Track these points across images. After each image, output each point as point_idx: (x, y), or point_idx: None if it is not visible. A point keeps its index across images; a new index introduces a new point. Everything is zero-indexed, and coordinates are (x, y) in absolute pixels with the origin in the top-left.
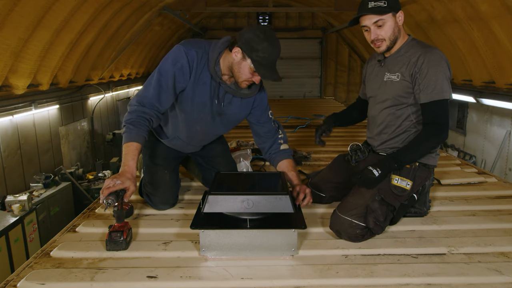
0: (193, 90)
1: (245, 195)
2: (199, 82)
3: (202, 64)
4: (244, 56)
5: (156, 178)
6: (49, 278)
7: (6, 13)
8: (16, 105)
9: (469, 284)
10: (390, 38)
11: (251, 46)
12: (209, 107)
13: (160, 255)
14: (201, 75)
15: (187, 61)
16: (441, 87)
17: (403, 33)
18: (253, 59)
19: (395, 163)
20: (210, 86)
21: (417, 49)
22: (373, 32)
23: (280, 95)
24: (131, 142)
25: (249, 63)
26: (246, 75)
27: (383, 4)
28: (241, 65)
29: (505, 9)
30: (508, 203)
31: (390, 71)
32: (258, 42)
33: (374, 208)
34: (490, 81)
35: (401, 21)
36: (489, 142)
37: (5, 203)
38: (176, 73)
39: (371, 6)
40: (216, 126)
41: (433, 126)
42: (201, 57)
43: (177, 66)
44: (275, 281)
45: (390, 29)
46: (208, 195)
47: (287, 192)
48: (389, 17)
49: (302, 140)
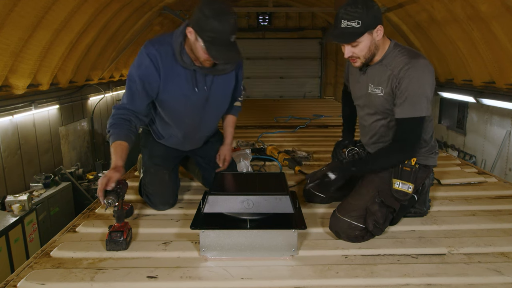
0: (169, 86)
1: (245, 195)
2: (172, 77)
3: (168, 58)
4: (196, 36)
5: (155, 178)
6: (49, 278)
7: (6, 13)
8: (16, 105)
9: (469, 284)
10: (365, 57)
11: (201, 26)
12: (192, 98)
13: (160, 255)
14: (172, 69)
15: (150, 62)
16: (417, 104)
17: (383, 43)
18: (204, 39)
19: (353, 167)
20: (185, 76)
21: (401, 59)
22: (347, 50)
23: (280, 95)
24: (114, 142)
25: (202, 44)
26: (203, 55)
27: (357, 25)
28: (196, 46)
29: (505, 9)
30: (508, 203)
31: (373, 83)
32: (205, 21)
33: (374, 210)
34: (490, 81)
35: (379, 36)
36: (489, 142)
37: (5, 203)
38: (143, 77)
39: (344, 25)
40: (207, 113)
41: (399, 144)
42: (165, 52)
43: (141, 70)
44: (275, 281)
45: (365, 48)
46: (208, 195)
47: (287, 193)
48: (364, 37)
49: (302, 140)
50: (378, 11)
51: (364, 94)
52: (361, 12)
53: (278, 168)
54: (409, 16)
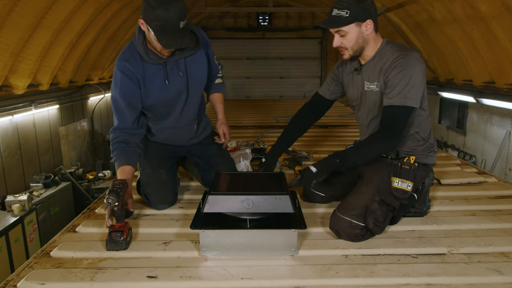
0: (149, 89)
1: (245, 195)
2: (149, 78)
3: (138, 63)
4: (147, 27)
5: (153, 177)
6: (49, 278)
7: (6, 13)
8: (16, 105)
9: (469, 284)
10: (353, 48)
11: (148, 16)
12: (169, 89)
13: (160, 255)
14: (145, 71)
15: (124, 76)
16: (406, 93)
17: (374, 40)
18: (153, 29)
19: (337, 159)
20: (158, 73)
21: (392, 53)
22: (336, 39)
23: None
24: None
25: (153, 34)
26: (158, 45)
27: (345, 14)
28: (150, 37)
29: (505, 9)
30: (508, 203)
31: (368, 80)
32: (151, 11)
33: (374, 208)
34: (490, 81)
35: (368, 30)
36: (489, 142)
37: (5, 203)
38: (123, 93)
39: (334, 14)
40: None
41: (384, 131)
42: (134, 59)
43: (119, 87)
44: (275, 281)
45: (353, 39)
46: (208, 195)
47: (287, 192)
48: (351, 28)
49: (302, 140)
50: (370, 6)
51: (360, 93)
52: (351, 3)
53: (278, 168)
54: (409, 16)
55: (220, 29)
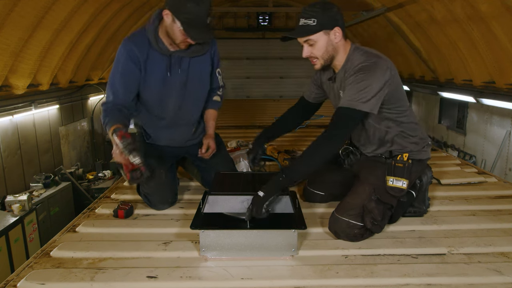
0: (148, 74)
1: (245, 195)
2: (150, 65)
3: (145, 48)
4: (174, 18)
5: (152, 177)
6: (49, 278)
7: (6, 13)
8: (16, 105)
9: (469, 284)
10: (323, 57)
11: (177, 8)
12: (168, 82)
13: (160, 255)
14: (149, 58)
15: (127, 56)
16: (358, 97)
17: (343, 47)
18: (181, 21)
19: (282, 175)
20: (162, 62)
21: (356, 61)
22: (305, 50)
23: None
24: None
25: (179, 26)
26: (180, 37)
27: (312, 23)
28: (173, 28)
29: (505, 9)
30: (508, 203)
31: (342, 89)
32: (182, 3)
33: (371, 208)
34: (490, 81)
35: (337, 38)
36: (489, 142)
37: (5, 203)
38: (123, 72)
39: (301, 23)
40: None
41: (328, 131)
42: (141, 42)
43: (121, 65)
44: (275, 281)
45: (322, 47)
46: (208, 195)
47: (287, 193)
48: (320, 36)
49: (302, 140)
50: (337, 14)
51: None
52: (317, 11)
53: (278, 168)
54: (409, 16)
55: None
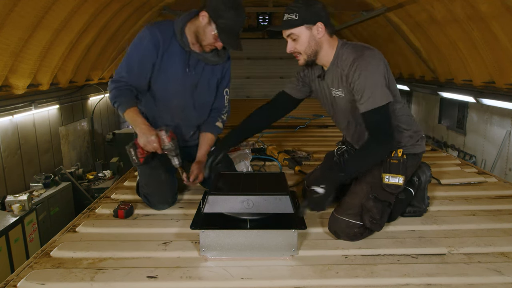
0: (164, 64)
1: (245, 195)
2: (169, 55)
3: (168, 38)
4: (210, 21)
5: (151, 178)
6: (49, 278)
7: (6, 13)
8: (16, 105)
9: (469, 284)
10: (306, 52)
11: (217, 13)
12: (182, 78)
13: (160, 255)
14: (169, 48)
15: (150, 41)
16: (374, 94)
17: (329, 43)
18: (218, 25)
19: (341, 173)
20: (180, 56)
21: (347, 57)
22: (289, 44)
23: None
24: (128, 109)
25: (214, 29)
26: (210, 39)
27: (294, 17)
28: (206, 30)
29: (505, 9)
30: (508, 203)
31: (334, 86)
32: (225, 9)
33: (369, 206)
34: (490, 81)
35: (320, 33)
36: (489, 142)
37: (5, 203)
38: (142, 53)
39: (285, 18)
40: (193, 99)
41: (375, 134)
42: (166, 31)
43: (142, 46)
44: (275, 281)
45: (305, 42)
46: (208, 195)
47: (287, 192)
48: (301, 30)
49: (302, 140)
50: (320, 10)
51: (330, 100)
52: (300, 7)
53: (278, 168)
54: (409, 16)
55: None
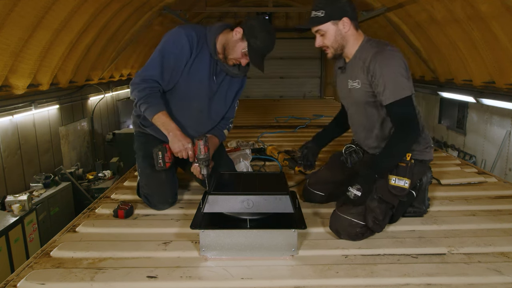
0: (194, 66)
1: (245, 195)
2: (199, 59)
3: (201, 43)
4: (243, 38)
5: (152, 179)
6: (49, 278)
7: (6, 13)
8: (16, 105)
9: (469, 284)
10: (333, 46)
11: (252, 32)
12: (206, 83)
13: (160, 255)
14: (200, 53)
15: (187, 41)
16: (398, 85)
17: (354, 38)
18: (249, 43)
19: (375, 173)
20: (209, 63)
21: (369, 51)
22: (317, 39)
23: (280, 95)
24: (160, 112)
25: (245, 46)
26: (237, 54)
27: (320, 14)
28: (237, 45)
29: (505, 9)
30: (508, 203)
31: (351, 78)
32: (260, 31)
33: (373, 207)
34: (490, 81)
35: (346, 28)
36: (489, 142)
37: (5, 203)
38: (178, 54)
39: (312, 15)
40: (209, 107)
41: (402, 126)
42: (200, 37)
43: (177, 48)
44: (275, 281)
45: (331, 37)
46: (208, 195)
47: (287, 192)
48: (328, 26)
49: (302, 140)
50: (345, 5)
51: (346, 92)
52: (325, 3)
53: (278, 168)
54: (409, 16)
55: None
